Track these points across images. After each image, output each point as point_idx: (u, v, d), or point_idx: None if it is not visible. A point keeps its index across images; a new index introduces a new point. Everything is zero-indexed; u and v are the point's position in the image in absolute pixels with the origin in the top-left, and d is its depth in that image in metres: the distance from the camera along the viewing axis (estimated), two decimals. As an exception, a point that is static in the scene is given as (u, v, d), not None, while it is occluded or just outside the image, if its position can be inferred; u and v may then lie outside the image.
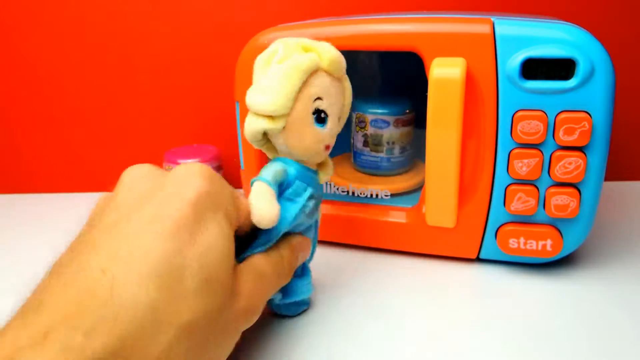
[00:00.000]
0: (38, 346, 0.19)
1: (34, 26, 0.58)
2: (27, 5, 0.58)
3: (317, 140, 0.32)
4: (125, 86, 0.60)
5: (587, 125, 0.34)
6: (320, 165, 0.35)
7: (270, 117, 0.31)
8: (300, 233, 0.34)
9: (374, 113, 0.48)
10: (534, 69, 0.35)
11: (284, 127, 0.31)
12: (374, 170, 0.51)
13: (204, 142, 0.61)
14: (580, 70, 0.34)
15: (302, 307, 0.36)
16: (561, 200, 0.36)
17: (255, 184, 0.30)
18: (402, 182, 0.49)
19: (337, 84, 0.33)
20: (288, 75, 0.30)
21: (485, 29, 0.36)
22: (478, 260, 0.42)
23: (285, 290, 0.34)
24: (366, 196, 0.47)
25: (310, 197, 0.33)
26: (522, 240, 0.38)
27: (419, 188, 0.47)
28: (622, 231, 0.47)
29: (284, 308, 0.36)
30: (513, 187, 0.37)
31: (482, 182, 0.38)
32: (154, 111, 0.61)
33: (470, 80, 0.36)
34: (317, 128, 0.32)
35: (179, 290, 0.22)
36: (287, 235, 0.32)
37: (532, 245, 0.38)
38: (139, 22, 0.58)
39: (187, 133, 0.61)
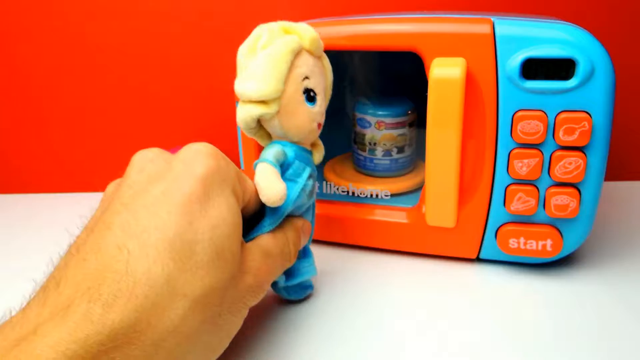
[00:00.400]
0: (59, 318, 0.20)
1: (34, 26, 0.58)
2: (25, 5, 0.58)
3: (311, 118, 0.33)
4: (125, 86, 0.60)
5: (587, 125, 0.34)
6: (313, 145, 0.36)
7: (264, 102, 0.31)
8: (301, 215, 0.35)
9: (361, 111, 0.49)
10: (534, 69, 0.35)
11: (278, 111, 0.32)
12: (360, 168, 0.51)
13: (204, 142, 0.61)
14: (580, 70, 0.34)
15: (307, 291, 0.37)
16: (561, 200, 0.36)
17: (258, 165, 0.31)
18: (402, 182, 0.49)
19: (319, 63, 0.34)
20: (276, 59, 0.31)
21: (485, 29, 0.36)
22: (478, 260, 0.42)
23: (288, 272, 0.34)
24: (366, 196, 0.47)
25: (309, 177, 0.34)
26: (522, 240, 0.38)
27: (419, 188, 0.47)
28: (622, 231, 0.47)
29: (290, 291, 0.36)
30: (513, 187, 0.37)
31: (482, 182, 0.38)
32: (153, 111, 0.61)
33: (470, 80, 0.36)
34: (309, 106, 0.33)
35: (192, 264, 0.23)
36: (290, 217, 0.33)
37: (532, 245, 0.38)
38: (138, 22, 0.58)
39: (187, 133, 0.61)
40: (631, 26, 0.55)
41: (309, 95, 0.33)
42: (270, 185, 0.30)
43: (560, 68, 0.35)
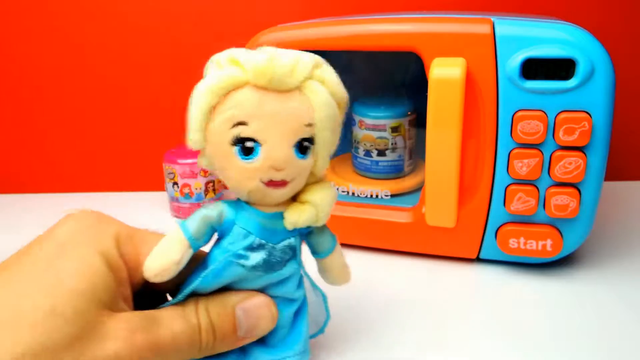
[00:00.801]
0: None
1: (33, 27, 0.58)
2: (24, 6, 0.58)
3: (246, 176, 0.25)
4: (126, 86, 0.60)
5: (587, 125, 0.34)
6: (290, 204, 0.27)
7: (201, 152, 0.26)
8: (264, 291, 0.28)
9: (351, 108, 0.49)
10: (534, 69, 0.35)
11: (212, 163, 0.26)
12: (352, 165, 0.52)
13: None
14: (580, 70, 0.34)
15: None
16: (561, 200, 0.36)
17: (174, 227, 0.26)
18: (402, 182, 0.49)
19: (286, 99, 0.25)
20: (195, 102, 0.25)
21: (485, 29, 0.36)
22: (478, 260, 0.42)
23: (234, 356, 0.28)
24: (366, 196, 0.47)
25: (252, 247, 0.26)
26: (522, 240, 0.38)
27: (419, 188, 0.47)
28: (622, 231, 0.47)
29: None
30: (513, 187, 0.37)
31: (482, 182, 0.38)
32: (154, 111, 0.61)
33: (470, 80, 0.36)
34: (242, 161, 0.25)
35: (20, 321, 0.21)
36: (228, 294, 0.27)
37: (532, 245, 0.38)
38: (139, 22, 0.58)
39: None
40: (631, 26, 0.55)
41: (244, 147, 0.24)
42: (150, 257, 0.25)
43: (560, 68, 0.35)
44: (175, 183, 0.53)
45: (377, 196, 0.46)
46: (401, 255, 0.44)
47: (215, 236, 0.27)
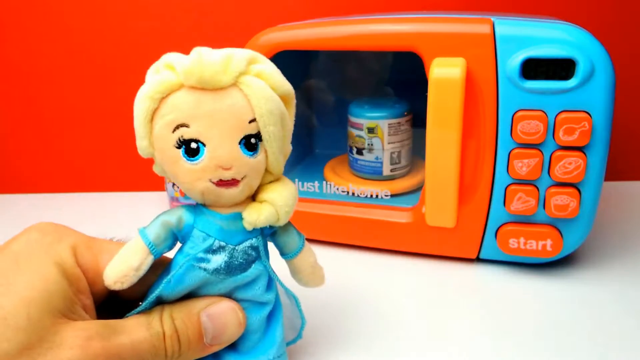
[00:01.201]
0: None
1: (34, 26, 0.58)
2: (26, 5, 0.58)
3: (194, 177, 0.25)
4: (126, 86, 0.60)
5: (587, 125, 0.34)
6: (248, 203, 0.27)
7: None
8: (231, 295, 0.27)
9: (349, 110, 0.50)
10: (534, 69, 0.35)
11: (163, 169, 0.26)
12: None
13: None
14: (580, 70, 0.34)
15: None
16: (561, 200, 0.36)
17: (135, 235, 0.26)
18: (402, 182, 0.49)
19: (223, 97, 0.25)
20: (135, 109, 0.25)
21: (485, 29, 0.36)
22: (478, 260, 0.42)
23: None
24: (366, 196, 0.47)
25: (212, 250, 0.26)
26: (522, 240, 0.38)
27: (419, 188, 0.47)
28: (622, 231, 0.47)
29: None
30: (513, 187, 0.37)
31: (482, 182, 0.38)
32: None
33: (470, 80, 0.36)
34: (190, 163, 0.25)
35: None
36: (191, 301, 0.27)
37: (532, 245, 0.38)
38: (139, 22, 0.58)
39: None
40: (631, 26, 0.55)
41: (189, 148, 0.24)
42: (110, 264, 0.25)
43: (560, 68, 0.35)
44: (175, 183, 0.52)
45: (377, 196, 0.46)
46: (401, 255, 0.44)
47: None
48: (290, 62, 0.52)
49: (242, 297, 0.28)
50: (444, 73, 0.35)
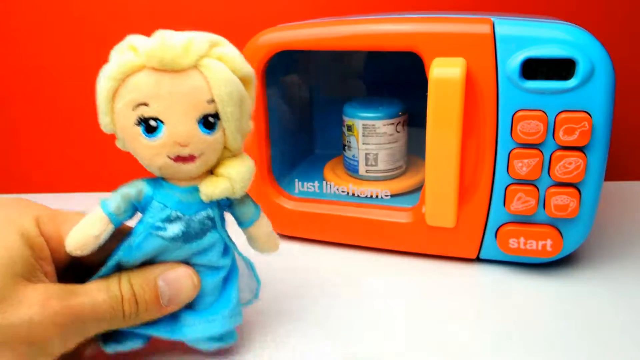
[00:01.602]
0: None
1: (36, 25, 0.58)
2: (29, 5, 0.58)
3: (153, 153, 0.27)
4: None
5: (587, 125, 0.34)
6: (207, 177, 0.29)
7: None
8: (188, 261, 0.30)
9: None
10: (534, 69, 0.35)
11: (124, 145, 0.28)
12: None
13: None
14: (580, 70, 0.34)
15: (214, 343, 0.31)
16: (561, 200, 0.36)
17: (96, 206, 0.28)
18: (402, 182, 0.49)
19: (183, 78, 0.26)
20: (98, 88, 0.27)
21: (485, 29, 0.36)
22: (478, 260, 0.42)
23: (166, 321, 0.30)
24: (366, 196, 0.47)
25: (169, 219, 0.28)
26: (522, 240, 0.38)
27: (419, 188, 0.47)
28: (622, 231, 0.47)
29: (192, 341, 0.31)
30: (513, 187, 0.37)
31: (482, 182, 0.38)
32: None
33: (470, 80, 0.36)
34: (149, 139, 0.27)
35: None
36: (147, 268, 0.29)
37: (532, 245, 0.38)
38: (139, 22, 0.58)
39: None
40: (631, 26, 0.55)
41: (148, 126, 0.26)
42: (71, 232, 0.27)
43: (560, 68, 0.35)
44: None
45: (377, 196, 0.46)
46: (401, 255, 0.44)
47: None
48: (290, 62, 0.52)
49: (199, 262, 0.30)
50: (444, 73, 0.35)
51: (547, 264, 0.40)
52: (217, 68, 0.27)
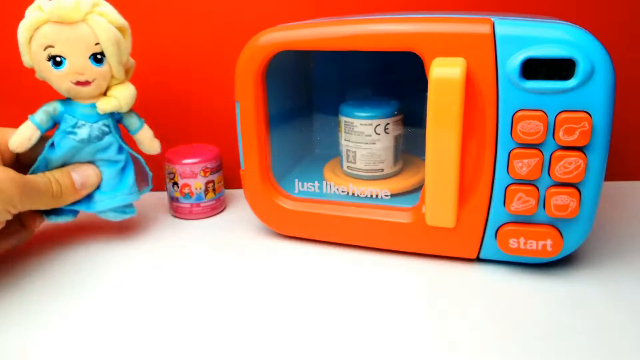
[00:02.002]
0: None
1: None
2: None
3: (61, 80, 0.42)
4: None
5: (587, 125, 0.34)
6: (101, 97, 0.44)
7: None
8: (93, 157, 0.45)
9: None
10: (534, 69, 0.35)
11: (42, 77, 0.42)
12: None
13: (204, 142, 0.61)
14: (580, 70, 0.34)
15: (118, 214, 0.47)
16: (561, 200, 0.36)
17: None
18: (402, 182, 0.49)
19: (76, 28, 0.40)
20: (18, 36, 0.41)
21: (485, 29, 0.36)
22: (478, 260, 0.42)
23: (85, 201, 0.46)
24: (366, 196, 0.47)
25: (77, 126, 0.43)
26: (522, 240, 0.38)
27: (419, 188, 0.47)
28: (622, 231, 0.47)
29: (102, 212, 0.46)
30: (513, 187, 0.37)
31: (482, 182, 0.38)
32: (154, 111, 0.61)
33: (470, 80, 0.36)
34: (56, 70, 0.41)
35: None
36: (72, 164, 0.45)
37: (532, 245, 0.38)
38: (139, 22, 0.58)
39: (187, 133, 0.61)
40: (631, 26, 0.55)
41: (55, 61, 0.41)
42: (13, 136, 0.43)
43: (560, 68, 0.35)
44: (175, 183, 0.53)
45: (377, 196, 0.46)
46: (401, 255, 0.44)
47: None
48: (291, 62, 0.52)
49: (102, 157, 0.45)
50: (444, 73, 0.35)
51: (547, 264, 0.40)
52: (99, 20, 0.41)
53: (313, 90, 0.58)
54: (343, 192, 0.47)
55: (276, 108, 0.48)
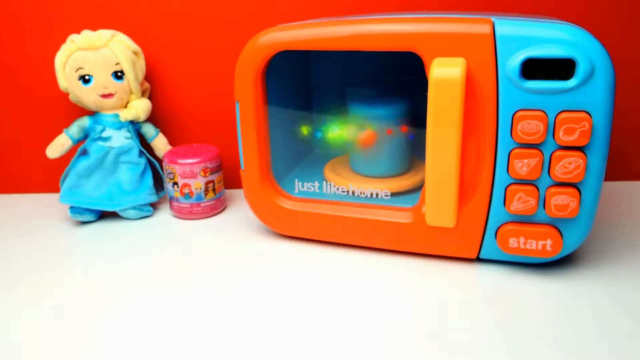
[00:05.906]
0: None
1: (35, 25, 0.58)
2: (27, 5, 0.58)
3: (89, 93, 0.53)
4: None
5: (587, 125, 0.34)
6: (122, 108, 0.55)
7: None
8: (119, 161, 0.54)
9: None
10: (534, 69, 0.35)
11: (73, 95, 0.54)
12: None
13: (204, 142, 0.61)
14: (580, 70, 0.34)
15: (137, 212, 0.54)
16: (561, 200, 0.36)
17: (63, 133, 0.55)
18: (402, 182, 0.49)
19: (100, 52, 0.52)
20: (55, 63, 0.53)
21: (485, 29, 0.36)
22: (478, 260, 0.42)
23: (108, 201, 0.53)
24: (366, 196, 0.47)
25: (104, 132, 0.53)
26: (522, 240, 0.38)
27: (419, 188, 0.47)
28: (622, 231, 0.47)
29: (122, 210, 0.54)
30: (513, 187, 0.37)
31: (482, 182, 0.38)
32: (153, 111, 0.61)
33: (470, 80, 0.36)
34: (85, 86, 0.53)
35: None
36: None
37: (532, 245, 0.38)
38: (139, 22, 0.58)
39: (187, 133, 0.61)
40: (631, 26, 0.55)
41: (84, 79, 0.52)
42: (50, 146, 0.55)
43: (560, 68, 0.35)
44: (175, 183, 0.53)
45: (377, 196, 0.46)
46: (401, 255, 0.44)
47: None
48: (291, 62, 0.52)
49: (125, 160, 0.54)
50: (444, 73, 0.35)
51: (547, 263, 0.40)
52: (118, 45, 0.53)
53: (313, 90, 0.58)
54: (343, 192, 0.47)
55: (276, 108, 0.48)
